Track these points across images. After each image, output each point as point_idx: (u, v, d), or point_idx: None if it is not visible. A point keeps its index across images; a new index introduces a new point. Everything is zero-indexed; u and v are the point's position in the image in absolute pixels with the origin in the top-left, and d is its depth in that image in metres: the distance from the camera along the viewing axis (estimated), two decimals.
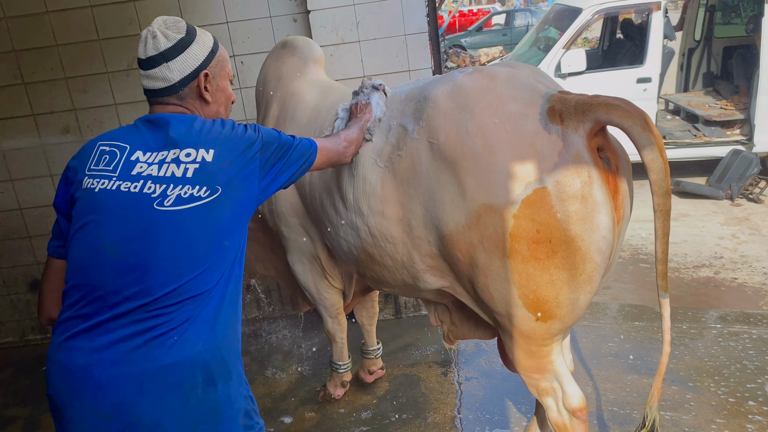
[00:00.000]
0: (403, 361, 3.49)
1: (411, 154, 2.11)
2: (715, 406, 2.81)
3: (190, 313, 1.41)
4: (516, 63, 2.24)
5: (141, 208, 1.43)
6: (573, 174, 1.85)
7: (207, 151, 1.48)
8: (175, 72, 1.57)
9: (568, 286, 1.92)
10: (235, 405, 1.48)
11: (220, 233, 1.46)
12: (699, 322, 3.75)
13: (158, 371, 1.38)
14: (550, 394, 2.11)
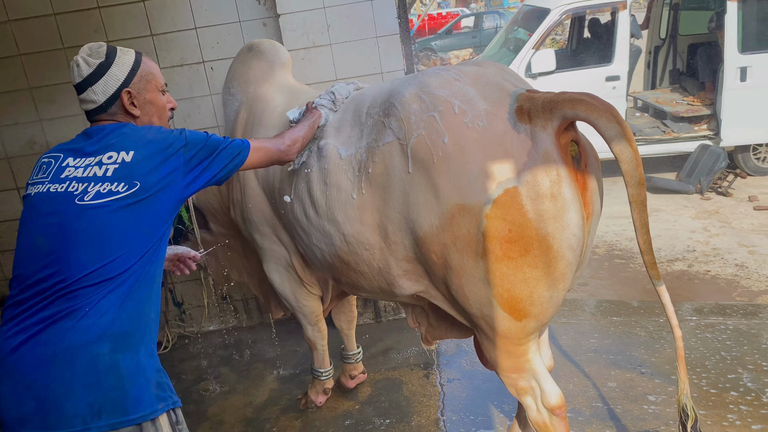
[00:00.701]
0: (385, 364, 3.47)
1: (384, 158, 2.09)
2: (697, 398, 2.84)
3: (104, 292, 1.56)
4: (483, 61, 2.23)
5: (64, 204, 1.60)
6: (542, 173, 1.85)
7: (127, 153, 1.64)
8: (100, 94, 1.74)
9: (542, 284, 1.92)
10: (145, 374, 1.58)
11: (138, 222, 1.61)
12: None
13: (69, 340, 1.51)
14: (528, 393, 2.10)
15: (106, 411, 1.51)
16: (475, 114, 1.94)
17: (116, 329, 1.55)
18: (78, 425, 1.49)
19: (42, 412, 1.50)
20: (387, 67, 3.44)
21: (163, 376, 1.64)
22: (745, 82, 6.18)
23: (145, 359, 1.60)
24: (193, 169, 1.74)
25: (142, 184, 1.62)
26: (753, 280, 4.47)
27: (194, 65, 3.61)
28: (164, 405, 1.59)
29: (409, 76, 2.19)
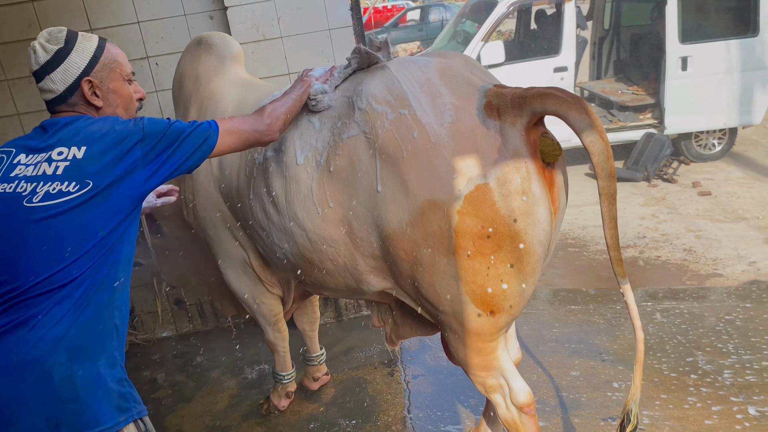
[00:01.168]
0: (348, 364, 3.40)
1: (349, 152, 2.02)
2: (658, 383, 2.88)
3: (57, 299, 1.45)
4: (448, 52, 2.19)
5: (12, 206, 1.48)
6: (513, 170, 1.82)
7: (79, 149, 1.52)
8: (58, 83, 1.61)
9: (514, 279, 1.89)
10: (105, 385, 1.48)
11: (93, 225, 1.49)
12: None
13: (21, 352, 1.42)
14: (497, 390, 2.07)
15: (64, 425, 1.42)
16: (444, 109, 1.89)
17: (72, 338, 1.45)
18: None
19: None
20: (341, 60, 3.35)
21: (126, 385, 1.54)
22: (686, 71, 6.37)
23: (105, 369, 1.49)
24: (153, 161, 1.59)
25: (95, 183, 1.49)
26: (701, 263, 4.61)
27: (138, 61, 3.45)
28: (127, 417, 1.50)
29: (377, 67, 2.12)
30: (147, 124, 1.60)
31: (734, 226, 5.17)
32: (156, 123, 1.62)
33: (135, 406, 1.53)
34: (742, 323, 3.36)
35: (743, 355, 3.03)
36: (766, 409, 2.65)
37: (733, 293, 3.83)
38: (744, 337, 3.21)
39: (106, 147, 1.53)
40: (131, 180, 1.55)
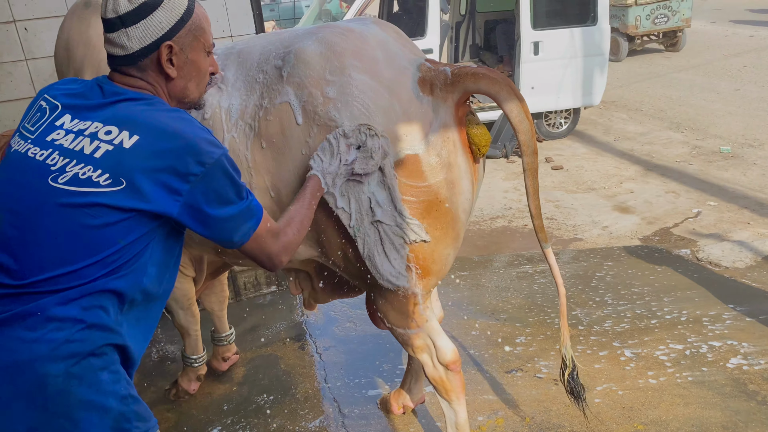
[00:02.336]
0: (254, 342, 3.35)
1: (280, 118, 1.99)
2: (550, 335, 3.18)
3: (63, 300, 1.25)
4: (381, 21, 2.22)
5: (37, 179, 1.28)
6: (441, 143, 1.93)
7: (130, 136, 1.27)
8: (135, 41, 1.37)
9: (442, 243, 2.01)
10: (104, 404, 1.28)
11: (114, 229, 1.27)
12: (510, 265, 4.18)
13: (15, 351, 1.22)
14: (424, 350, 2.17)
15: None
16: (381, 79, 1.93)
17: (73, 348, 1.24)
18: None
19: None
20: (237, 30, 3.25)
21: (131, 403, 1.33)
22: (538, 55, 6.91)
23: (108, 386, 1.29)
24: (191, 206, 1.32)
25: (127, 187, 1.25)
26: (563, 230, 5.08)
27: (3, 25, 3.08)
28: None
29: (307, 31, 2.08)
30: (223, 160, 1.33)
31: (586, 195, 5.75)
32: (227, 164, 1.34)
33: (137, 426, 1.33)
34: (611, 279, 3.79)
35: (617, 306, 3.43)
36: (640, 350, 3.03)
37: (597, 254, 4.29)
38: (615, 290, 3.64)
39: (160, 151, 1.28)
40: (163, 205, 1.29)
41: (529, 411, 2.68)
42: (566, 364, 2.19)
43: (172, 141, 1.28)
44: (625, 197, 5.56)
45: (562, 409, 2.68)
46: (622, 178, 6.05)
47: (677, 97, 8.63)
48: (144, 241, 1.32)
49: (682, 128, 7.36)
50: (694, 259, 4.16)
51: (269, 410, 2.80)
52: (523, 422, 2.62)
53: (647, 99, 8.78)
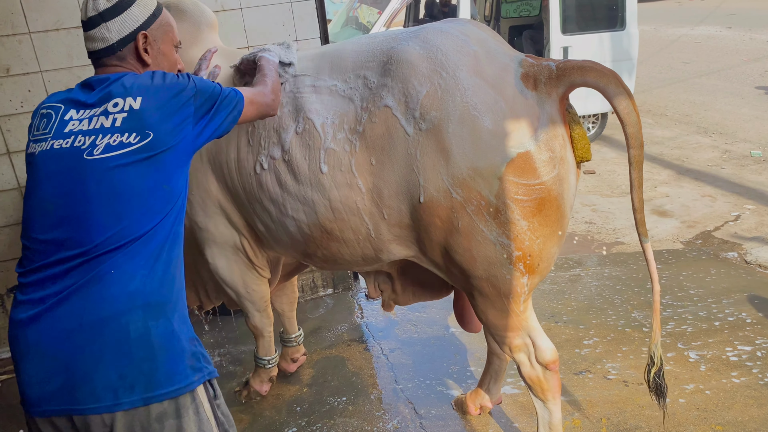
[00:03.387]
0: (319, 344, 3.37)
1: (386, 119, 2.01)
2: (614, 338, 3.19)
3: (129, 255, 1.43)
4: (474, 21, 2.25)
5: (72, 161, 1.45)
6: (551, 137, 1.94)
7: (134, 99, 1.48)
8: (114, 32, 1.57)
9: (550, 240, 2.02)
10: (179, 343, 1.46)
11: (156, 176, 1.48)
12: (561, 269, 4.20)
13: (96, 310, 1.39)
14: (522, 350, 2.18)
15: (139, 384, 1.39)
16: (485, 77, 1.95)
17: (146, 295, 1.43)
18: (109, 400, 1.38)
19: (69, 387, 1.38)
20: (302, 34, 3.28)
21: (198, 345, 1.52)
22: None
23: (179, 327, 1.48)
24: (202, 118, 1.59)
25: (155, 134, 1.47)
26: (604, 234, 5.10)
27: (73, 30, 3.11)
28: (200, 376, 1.48)
29: (407, 33, 2.11)
30: (197, 81, 1.60)
31: (622, 199, 5.77)
32: (203, 81, 1.62)
33: (206, 366, 1.51)
34: (666, 282, 3.80)
35: (677, 309, 3.44)
36: (706, 352, 3.04)
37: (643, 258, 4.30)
38: (672, 293, 3.65)
39: (164, 99, 1.51)
40: (185, 134, 1.54)
41: (604, 412, 2.69)
42: (654, 362, 2.20)
43: (164, 90, 1.52)
44: (661, 201, 5.58)
45: (636, 410, 2.69)
46: (656, 182, 6.07)
47: (702, 102, 8.66)
48: (180, 183, 1.55)
49: (710, 132, 7.38)
50: (742, 262, 4.17)
51: (344, 411, 2.81)
52: (599, 423, 2.63)
53: (671, 104, 8.81)
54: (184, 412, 1.44)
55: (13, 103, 3.14)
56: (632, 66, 7.07)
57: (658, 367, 2.15)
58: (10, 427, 2.95)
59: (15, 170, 3.24)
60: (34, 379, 1.40)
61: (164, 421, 1.41)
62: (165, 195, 1.49)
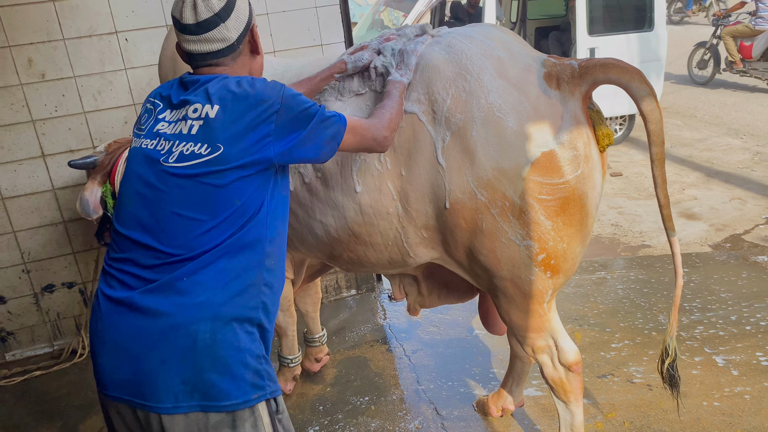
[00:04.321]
0: (342, 345, 3.40)
1: (412, 123, 2.04)
2: (640, 342, 3.17)
3: (200, 264, 1.43)
4: (494, 25, 2.26)
5: (152, 165, 1.48)
6: (576, 136, 1.94)
7: (212, 107, 1.46)
8: (233, 30, 1.54)
9: (575, 240, 2.02)
10: (244, 359, 1.46)
11: (226, 192, 1.45)
12: (585, 271, 4.17)
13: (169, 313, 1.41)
14: (545, 351, 2.18)
15: (198, 391, 1.42)
16: (509, 79, 1.97)
17: (216, 307, 1.43)
18: (170, 401, 1.41)
19: (136, 381, 1.43)
20: (327, 39, 3.32)
21: (264, 363, 1.51)
22: None
23: (246, 344, 1.47)
24: (286, 137, 1.50)
25: (225, 149, 1.43)
26: (630, 236, 5.05)
27: (105, 36, 3.20)
28: (260, 395, 1.48)
29: (433, 39, 2.15)
30: (287, 95, 1.51)
31: (649, 202, 5.70)
32: (295, 97, 1.52)
33: (270, 385, 1.50)
34: (695, 285, 3.75)
35: (706, 312, 3.40)
36: (734, 357, 3.00)
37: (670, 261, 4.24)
38: (702, 297, 3.60)
39: (240, 111, 1.46)
40: (264, 151, 1.47)
41: (627, 416, 2.68)
42: (668, 353, 2.18)
43: (244, 100, 1.46)
44: (690, 204, 5.50)
45: (660, 415, 2.66)
46: (684, 184, 5.99)
47: (732, 103, 8.51)
48: (259, 197, 1.49)
49: (741, 134, 7.26)
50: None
51: (366, 411, 2.84)
52: (622, 426, 2.62)
53: (701, 105, 8.68)
54: (240, 425, 1.45)
55: (47, 107, 3.24)
56: (660, 67, 6.99)
57: (672, 358, 2.14)
58: (44, 421, 3.04)
59: (49, 173, 3.34)
60: (106, 365, 1.47)
61: (220, 430, 1.44)
62: (237, 211, 1.46)
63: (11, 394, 3.30)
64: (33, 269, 3.48)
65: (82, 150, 3.30)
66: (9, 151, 3.26)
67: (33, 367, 3.51)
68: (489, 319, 2.57)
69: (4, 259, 3.42)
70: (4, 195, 3.32)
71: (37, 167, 3.31)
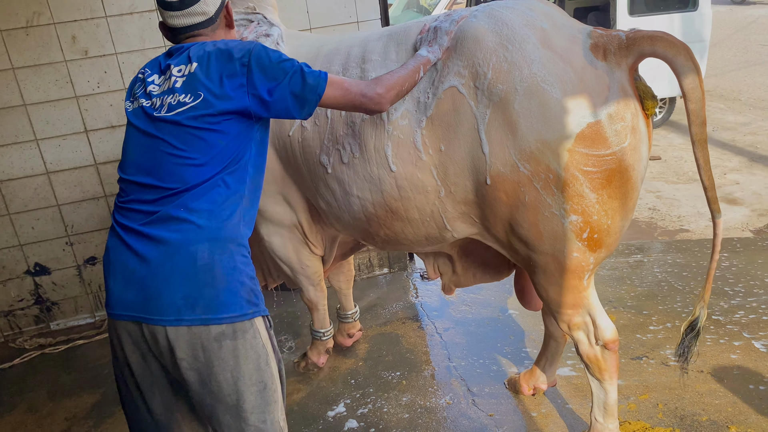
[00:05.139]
0: (374, 321, 3.44)
1: (452, 95, 2.02)
2: (679, 326, 3.12)
3: (195, 196, 1.62)
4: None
5: (147, 118, 1.67)
6: (623, 107, 1.90)
7: (192, 64, 1.65)
8: (211, 5, 1.74)
9: (619, 213, 1.99)
10: (239, 277, 1.63)
11: (209, 134, 1.62)
12: (621, 254, 4.12)
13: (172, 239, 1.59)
14: (581, 328, 2.16)
15: (199, 306, 1.57)
16: (553, 49, 1.94)
17: (213, 231, 1.61)
18: (172, 314, 1.57)
19: (142, 298, 1.59)
20: (363, 15, 3.32)
21: (256, 284, 1.68)
22: None
23: (241, 264, 1.64)
24: (260, 87, 1.65)
25: (205, 96, 1.62)
26: (667, 221, 4.95)
27: (146, 13, 3.25)
28: (255, 311, 1.65)
29: (473, 10, 2.13)
30: (259, 48, 1.67)
31: (688, 186, 5.58)
32: (268, 52, 1.68)
33: (261, 304, 1.68)
34: (737, 270, 3.68)
35: (747, 297, 3.33)
36: None
37: (709, 246, 4.16)
38: (745, 282, 3.52)
39: (216, 65, 1.64)
40: (240, 100, 1.63)
41: (661, 398, 2.65)
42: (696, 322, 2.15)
43: (219, 56, 1.65)
44: (731, 188, 5.36)
45: (695, 397, 2.63)
46: (726, 169, 5.84)
47: None
48: (241, 143, 1.67)
49: None
50: None
51: (397, 386, 2.87)
52: (656, 408, 2.59)
53: (746, 88, 8.42)
54: (241, 335, 1.61)
55: (90, 84, 3.32)
56: (704, 48, 6.78)
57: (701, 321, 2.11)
58: (87, 388, 3.15)
59: (92, 148, 3.43)
60: (115, 289, 1.64)
61: (222, 341, 1.59)
62: (221, 152, 1.64)
63: (55, 362, 3.43)
64: (76, 242, 3.59)
65: (123, 126, 3.37)
66: (54, 126, 3.35)
67: (76, 336, 3.63)
68: (525, 295, 2.55)
69: (49, 232, 3.54)
70: (49, 169, 3.42)
71: (80, 142, 3.40)
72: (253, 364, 1.64)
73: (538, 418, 2.58)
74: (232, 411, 1.64)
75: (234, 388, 1.62)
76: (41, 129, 3.34)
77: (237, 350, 1.61)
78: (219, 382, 1.61)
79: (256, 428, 1.67)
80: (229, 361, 1.60)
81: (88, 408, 2.98)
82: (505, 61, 1.95)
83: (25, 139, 3.34)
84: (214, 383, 1.61)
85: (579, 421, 2.54)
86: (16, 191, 3.42)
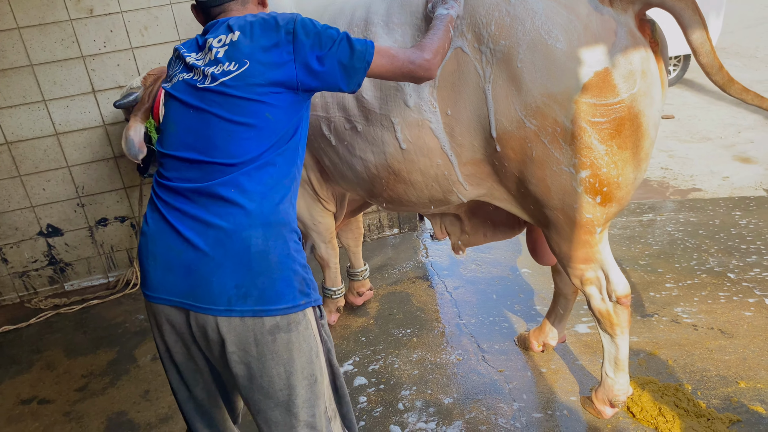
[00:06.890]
0: (384, 280, 3.45)
1: (455, 55, 1.99)
2: (694, 284, 3.11)
3: (246, 175, 1.52)
4: None
5: (191, 91, 1.58)
6: (632, 51, 1.84)
7: (234, 33, 1.57)
8: None
9: (630, 164, 1.95)
10: (292, 266, 1.52)
11: (257, 105, 1.53)
12: (633, 213, 4.09)
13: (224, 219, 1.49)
14: (593, 283, 2.16)
15: (252, 296, 1.48)
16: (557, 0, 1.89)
17: (265, 216, 1.51)
18: (223, 304, 1.47)
19: (190, 283, 1.50)
20: None
21: (309, 272, 1.58)
22: None
23: (295, 251, 1.55)
24: (307, 56, 1.56)
25: (251, 64, 1.53)
26: (680, 180, 4.90)
27: None
28: (307, 301, 1.54)
29: None
30: (303, 21, 1.59)
31: (701, 145, 5.51)
32: (312, 22, 1.60)
33: (314, 293, 1.57)
34: (753, 227, 3.65)
35: (763, 254, 3.31)
36: None
37: (724, 204, 4.13)
38: (756, 239, 3.50)
39: (260, 33, 1.57)
40: (286, 70, 1.55)
41: (671, 354, 2.66)
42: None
43: (262, 25, 1.57)
44: (745, 147, 5.29)
45: (705, 354, 2.64)
46: (740, 127, 5.75)
47: None
48: (290, 120, 1.58)
49: None
50: None
51: (408, 343, 2.89)
52: (665, 364, 2.60)
53: (763, 45, 8.23)
54: (294, 327, 1.51)
55: (96, 43, 3.28)
56: (721, 4, 6.62)
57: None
58: (102, 346, 3.20)
59: (100, 108, 3.41)
60: (158, 270, 1.54)
61: (276, 334, 1.49)
62: (270, 126, 1.54)
63: (71, 321, 3.48)
64: (87, 203, 3.61)
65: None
66: (61, 86, 3.33)
67: (90, 296, 3.68)
68: (538, 250, 2.54)
69: (60, 193, 3.55)
70: (58, 130, 3.42)
71: (88, 103, 3.39)
72: (306, 358, 1.54)
73: (547, 373, 2.60)
74: (282, 407, 1.55)
75: (287, 383, 1.53)
76: (49, 89, 3.32)
77: (291, 343, 1.51)
78: (271, 377, 1.52)
79: (306, 423, 1.57)
80: (283, 354, 1.50)
81: (104, 365, 3.03)
82: (507, 16, 1.90)
83: (34, 100, 3.33)
84: (265, 378, 1.52)
85: (589, 376, 2.56)
86: (27, 153, 3.43)
